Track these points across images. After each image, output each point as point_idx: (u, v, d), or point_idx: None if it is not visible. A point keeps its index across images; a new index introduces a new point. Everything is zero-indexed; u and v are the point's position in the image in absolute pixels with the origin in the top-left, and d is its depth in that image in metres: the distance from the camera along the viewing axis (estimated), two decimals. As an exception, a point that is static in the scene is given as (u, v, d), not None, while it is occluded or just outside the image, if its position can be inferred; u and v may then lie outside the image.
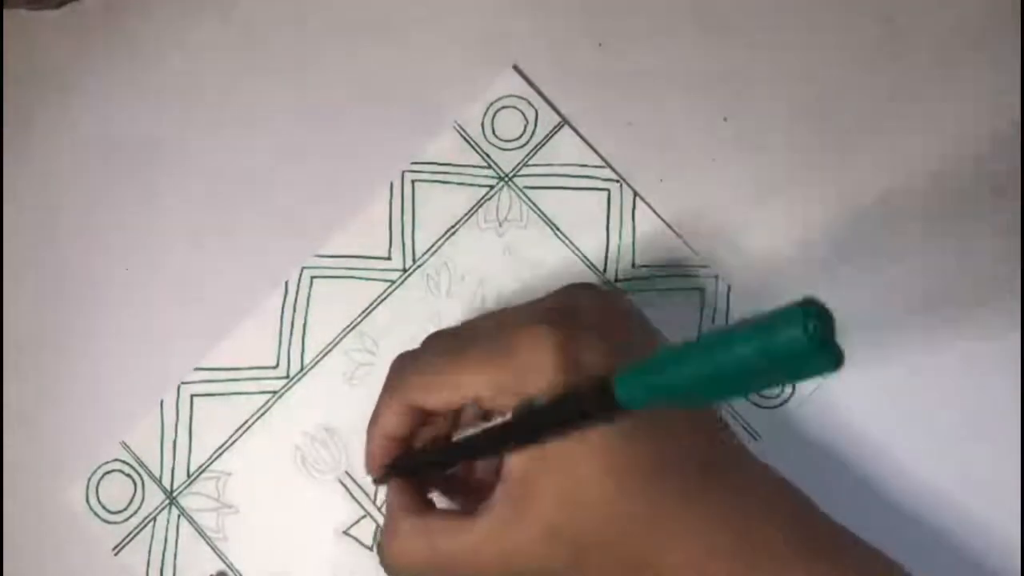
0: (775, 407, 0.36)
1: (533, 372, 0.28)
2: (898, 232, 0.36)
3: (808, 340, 0.17)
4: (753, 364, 0.18)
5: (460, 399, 0.29)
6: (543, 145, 0.37)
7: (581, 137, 0.37)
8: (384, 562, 0.31)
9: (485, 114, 0.38)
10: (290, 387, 0.37)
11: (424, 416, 0.31)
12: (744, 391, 0.20)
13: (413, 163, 0.38)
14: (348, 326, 0.37)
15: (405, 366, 0.31)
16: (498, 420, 0.28)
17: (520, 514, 0.28)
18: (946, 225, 0.36)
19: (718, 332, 0.19)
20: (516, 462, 0.28)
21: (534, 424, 0.27)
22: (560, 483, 0.28)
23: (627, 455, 0.28)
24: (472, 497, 0.30)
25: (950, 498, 0.35)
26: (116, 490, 0.36)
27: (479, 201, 0.37)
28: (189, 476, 0.36)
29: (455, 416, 0.31)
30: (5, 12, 0.38)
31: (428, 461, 0.31)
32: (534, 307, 0.32)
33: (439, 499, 0.33)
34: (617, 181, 0.37)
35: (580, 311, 0.30)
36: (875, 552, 0.30)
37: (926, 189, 0.37)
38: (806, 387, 0.36)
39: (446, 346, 0.31)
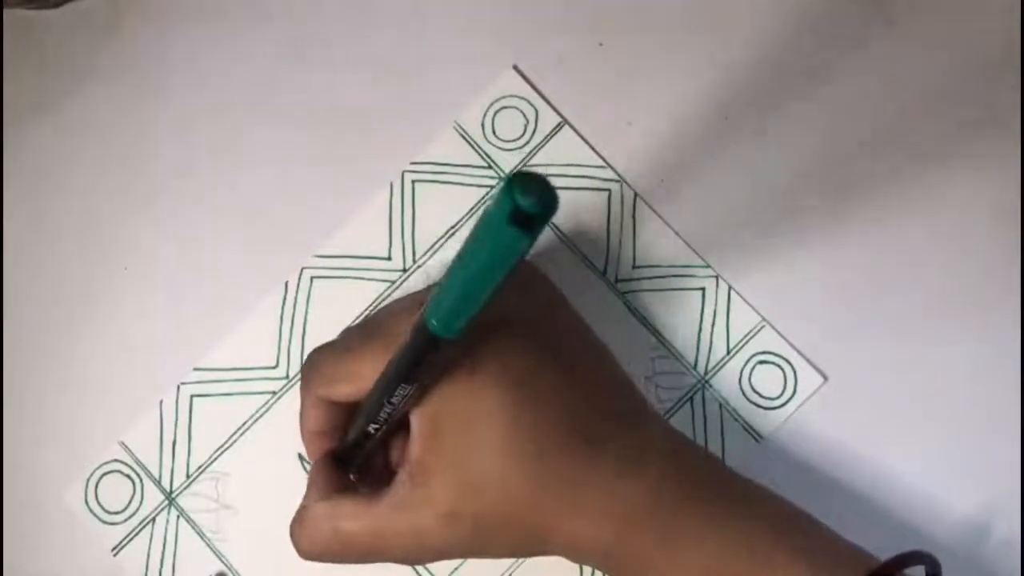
0: (776, 408, 0.36)
1: None
2: (897, 229, 0.36)
3: (511, 204, 0.21)
4: (492, 244, 0.22)
5: (361, 389, 0.30)
6: (543, 145, 0.37)
7: (581, 137, 0.37)
8: (294, 544, 0.31)
9: (485, 114, 0.38)
10: (290, 387, 0.37)
11: (344, 408, 0.31)
12: (505, 264, 0.23)
13: (413, 163, 0.38)
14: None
15: (313, 361, 0.32)
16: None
17: (420, 497, 0.29)
18: (947, 224, 0.36)
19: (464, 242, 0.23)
20: (415, 445, 0.29)
21: (388, 379, 0.28)
22: (456, 467, 0.29)
23: (516, 437, 0.29)
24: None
25: (950, 497, 0.35)
26: (115, 490, 0.36)
27: (479, 201, 0.37)
28: (188, 476, 0.36)
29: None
30: (5, 12, 0.38)
31: (344, 450, 0.32)
32: (425, 291, 0.33)
33: None
34: (617, 181, 0.37)
35: None
36: (779, 498, 0.31)
37: (927, 191, 0.37)
38: (807, 388, 0.36)
39: (350, 339, 0.32)
